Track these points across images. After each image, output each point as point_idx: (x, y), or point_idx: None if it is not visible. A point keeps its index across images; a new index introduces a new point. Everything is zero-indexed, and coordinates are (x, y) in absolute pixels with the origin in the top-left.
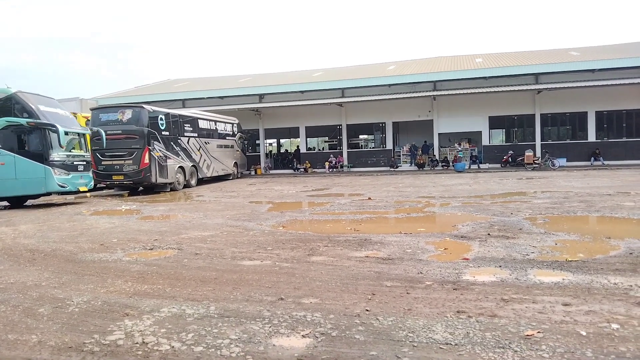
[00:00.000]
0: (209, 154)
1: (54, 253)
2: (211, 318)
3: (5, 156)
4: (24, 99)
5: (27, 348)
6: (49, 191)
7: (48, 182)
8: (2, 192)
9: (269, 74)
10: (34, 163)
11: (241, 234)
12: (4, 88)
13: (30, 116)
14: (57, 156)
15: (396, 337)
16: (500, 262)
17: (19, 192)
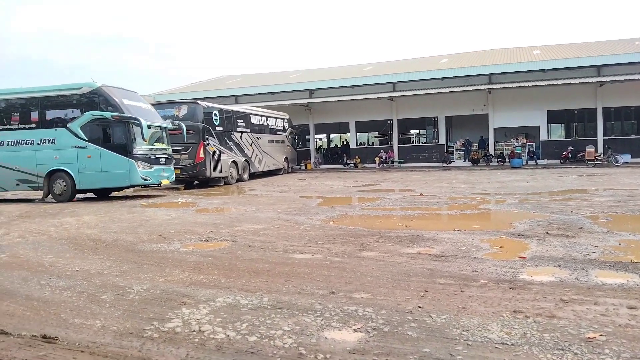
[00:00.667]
0: (260, 149)
1: (115, 243)
2: (264, 309)
3: (91, 149)
4: (108, 93)
5: (92, 332)
6: (133, 184)
7: (132, 175)
8: (88, 185)
9: (319, 69)
10: (118, 156)
11: (292, 228)
12: (89, 82)
13: (115, 110)
14: (141, 149)
15: (450, 335)
16: (559, 261)
17: (104, 184)
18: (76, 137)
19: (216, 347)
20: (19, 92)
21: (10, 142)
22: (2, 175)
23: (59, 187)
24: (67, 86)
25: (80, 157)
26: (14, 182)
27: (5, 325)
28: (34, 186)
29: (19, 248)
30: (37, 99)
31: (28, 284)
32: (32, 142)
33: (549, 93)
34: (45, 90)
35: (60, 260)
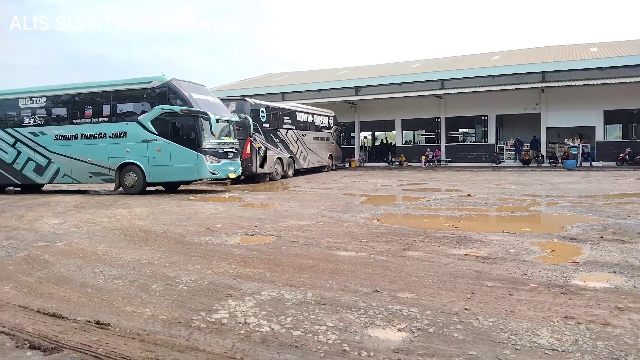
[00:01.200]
0: (305, 145)
1: (165, 234)
2: (308, 304)
3: (161, 143)
4: (177, 87)
5: (142, 320)
6: (201, 178)
7: (200, 169)
8: (158, 178)
9: (365, 67)
10: (187, 150)
11: (336, 225)
12: (159, 76)
13: (184, 104)
14: (209, 143)
15: (497, 339)
16: (614, 267)
17: (173, 178)
18: (146, 130)
19: (261, 340)
20: (91, 86)
21: (84, 136)
22: (75, 167)
23: (130, 179)
24: (137, 80)
25: (151, 150)
26: (87, 174)
27: (62, 310)
28: (106, 179)
29: (74, 237)
30: (108, 92)
31: (82, 272)
32: (104, 136)
33: (606, 92)
34: (116, 84)
35: (112, 250)
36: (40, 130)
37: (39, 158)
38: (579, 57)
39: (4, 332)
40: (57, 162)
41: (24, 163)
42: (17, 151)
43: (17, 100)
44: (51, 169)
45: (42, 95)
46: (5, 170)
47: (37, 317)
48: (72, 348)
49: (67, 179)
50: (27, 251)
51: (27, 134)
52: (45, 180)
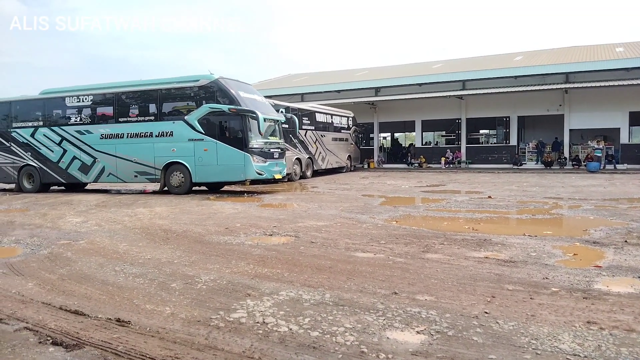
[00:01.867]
0: (324, 146)
1: (184, 234)
2: (326, 305)
3: (208, 142)
4: (225, 85)
5: (162, 318)
6: (247, 178)
7: (247, 169)
8: (204, 178)
9: (385, 67)
10: (234, 150)
11: (354, 226)
12: (206, 74)
13: (231, 102)
14: (256, 143)
15: (517, 343)
16: (639, 272)
17: (219, 178)
18: (193, 130)
19: (279, 340)
20: (137, 84)
21: (130, 134)
22: (121, 167)
23: (177, 179)
24: (184, 78)
25: (197, 150)
26: (132, 173)
27: (83, 307)
28: (152, 178)
29: (95, 235)
30: (155, 91)
31: (104, 270)
32: (150, 135)
33: (632, 93)
34: (163, 82)
35: (133, 249)
36: (86, 128)
37: (85, 157)
38: (604, 58)
39: (28, 327)
40: (103, 161)
41: (70, 162)
42: (62, 150)
43: (63, 99)
44: (96, 168)
45: (88, 94)
46: (51, 169)
47: (60, 313)
48: (93, 345)
49: (112, 178)
50: (50, 249)
51: (73, 133)
52: (90, 179)
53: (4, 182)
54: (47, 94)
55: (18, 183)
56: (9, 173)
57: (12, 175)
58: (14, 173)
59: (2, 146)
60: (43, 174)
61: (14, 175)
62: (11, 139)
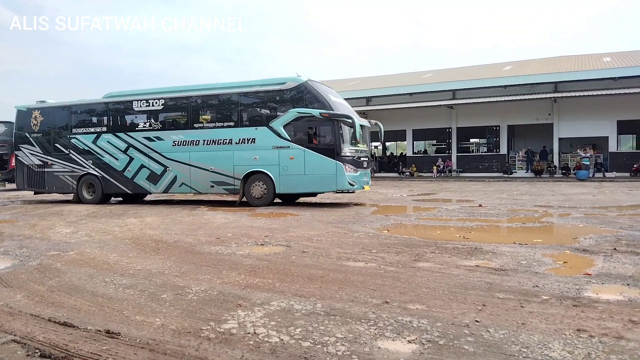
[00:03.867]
0: None
1: (175, 244)
2: (318, 315)
3: (295, 150)
4: (315, 88)
5: (152, 329)
6: (339, 189)
7: (339, 179)
8: (289, 188)
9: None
10: (325, 158)
11: (346, 235)
12: (294, 76)
13: (322, 107)
14: (349, 151)
15: (508, 351)
16: (628, 279)
17: (306, 188)
18: (278, 136)
19: (270, 351)
20: (215, 87)
21: (206, 142)
22: (195, 176)
23: (259, 190)
24: (267, 81)
25: (282, 158)
26: (209, 183)
27: (73, 319)
28: (230, 189)
29: (85, 246)
30: (235, 95)
31: (93, 281)
32: (229, 142)
33: (620, 102)
34: (244, 85)
35: (123, 259)
36: (157, 135)
37: (154, 165)
38: (591, 67)
39: (16, 340)
40: (175, 170)
41: (137, 170)
42: (129, 157)
43: (131, 102)
44: (167, 178)
45: (159, 98)
46: (114, 178)
47: (48, 325)
48: (82, 357)
49: (184, 189)
50: (39, 260)
51: (142, 139)
52: (160, 190)
53: (61, 192)
54: (111, 97)
55: (77, 193)
56: (67, 182)
57: (71, 184)
58: (72, 183)
59: (61, 154)
60: (105, 184)
61: (73, 185)
62: (70, 146)
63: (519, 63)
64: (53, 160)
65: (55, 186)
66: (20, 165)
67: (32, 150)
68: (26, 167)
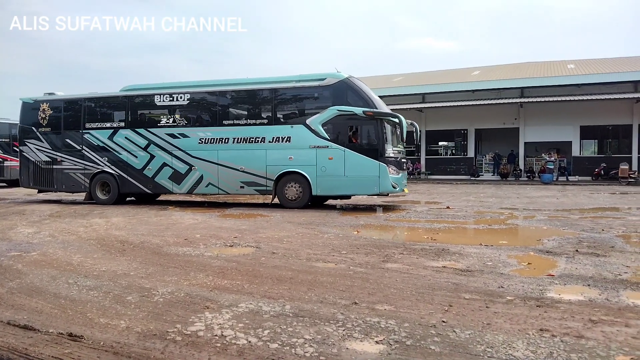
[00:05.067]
0: None
1: (142, 245)
2: (286, 317)
3: (334, 150)
4: (357, 85)
5: (116, 332)
6: (382, 192)
7: (382, 181)
8: (326, 190)
9: None
10: (368, 159)
11: (316, 237)
12: (334, 72)
13: (365, 105)
14: (392, 151)
15: (474, 351)
16: (588, 280)
17: (345, 191)
18: (316, 135)
19: (237, 353)
20: (247, 82)
21: (237, 139)
22: (224, 176)
23: (293, 191)
24: (307, 77)
25: (320, 158)
26: (238, 184)
27: (33, 322)
28: (261, 190)
29: (48, 247)
30: (269, 90)
31: (56, 282)
32: (262, 140)
33: (583, 108)
34: (279, 81)
35: (88, 260)
36: (181, 131)
37: (178, 164)
38: (556, 74)
39: None
40: (201, 169)
41: (158, 169)
42: (149, 155)
43: (152, 96)
44: (192, 177)
45: (185, 92)
46: (133, 177)
47: (7, 329)
48: None
49: (211, 189)
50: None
51: (164, 136)
52: (184, 190)
53: (72, 191)
54: (130, 90)
55: (90, 192)
56: (78, 181)
57: (83, 183)
58: (85, 181)
59: (72, 150)
60: (122, 183)
61: (85, 184)
62: (83, 142)
63: (487, 68)
64: (63, 157)
65: (65, 185)
66: (25, 161)
67: (39, 146)
68: (32, 164)
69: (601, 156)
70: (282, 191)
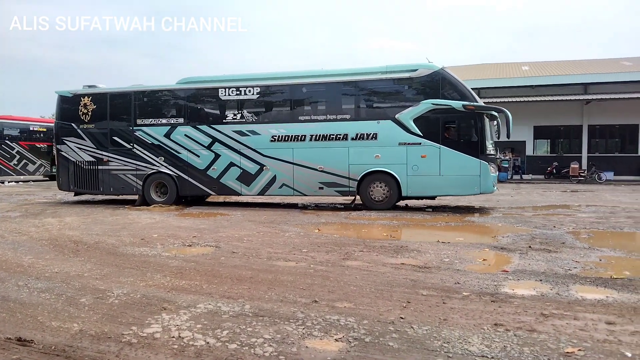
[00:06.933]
0: None
1: (96, 245)
2: (246, 316)
3: (427, 147)
4: (453, 77)
5: (69, 336)
6: (483, 192)
7: (484, 181)
8: (418, 190)
9: None
10: (467, 157)
11: (277, 235)
12: (426, 63)
13: (464, 98)
14: (491, 149)
15: (431, 347)
16: (541, 276)
17: (440, 191)
18: (407, 131)
19: (195, 354)
20: (327, 75)
21: (315, 137)
22: (300, 176)
23: (379, 192)
24: (393, 68)
25: (411, 156)
26: (316, 185)
27: None
28: (343, 190)
29: None
30: (352, 83)
31: (5, 285)
32: (344, 137)
33: (536, 109)
34: (363, 72)
35: (39, 262)
36: (251, 128)
37: (247, 163)
38: (512, 75)
39: None
40: (274, 169)
41: (224, 169)
42: (214, 154)
43: (216, 90)
44: (263, 178)
45: (254, 85)
46: (194, 178)
47: None
48: None
49: (286, 190)
50: None
51: (231, 133)
52: (254, 192)
53: (121, 194)
54: (189, 83)
55: (143, 195)
56: (129, 183)
57: (135, 185)
58: (137, 183)
59: (121, 149)
60: (182, 184)
61: (137, 186)
62: (135, 140)
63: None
64: (110, 157)
65: (114, 187)
66: (64, 162)
67: (81, 145)
68: (73, 165)
69: (553, 155)
70: (367, 192)
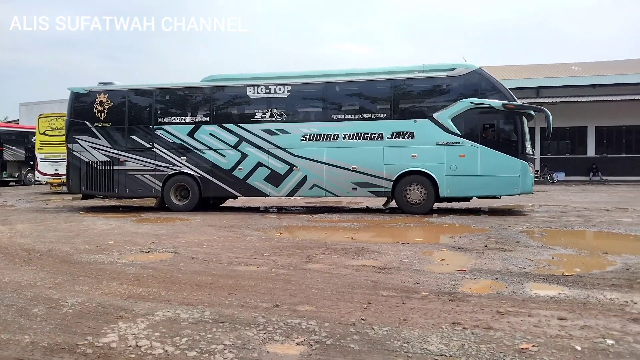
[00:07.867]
0: None
1: (49, 253)
2: (206, 323)
3: (466, 147)
4: (491, 77)
5: (19, 348)
6: (523, 192)
7: (524, 180)
8: (456, 191)
9: None
10: (507, 157)
11: (238, 239)
12: (464, 62)
13: (502, 97)
14: (529, 148)
15: (391, 347)
16: (496, 274)
17: (479, 192)
18: (445, 130)
19: None
20: (362, 73)
21: (348, 136)
22: (333, 177)
23: (416, 194)
24: (430, 67)
25: (449, 156)
26: (350, 185)
27: None
28: (377, 191)
29: None
30: (387, 81)
31: None
32: (379, 136)
33: None
34: (399, 71)
35: None
36: (280, 127)
37: (276, 164)
38: None
39: None
40: (305, 169)
41: (251, 170)
42: (241, 154)
43: (244, 88)
44: (293, 178)
45: (285, 83)
46: (219, 179)
47: None
48: None
49: (317, 191)
50: None
51: (259, 132)
52: (282, 193)
53: (137, 196)
54: (215, 81)
55: (162, 197)
56: (147, 184)
57: (154, 187)
58: (156, 184)
59: (140, 148)
60: (205, 186)
61: (157, 187)
62: (155, 139)
63: None
64: (127, 157)
65: (130, 188)
66: (76, 161)
67: (95, 144)
68: (85, 165)
69: None
70: (402, 193)
